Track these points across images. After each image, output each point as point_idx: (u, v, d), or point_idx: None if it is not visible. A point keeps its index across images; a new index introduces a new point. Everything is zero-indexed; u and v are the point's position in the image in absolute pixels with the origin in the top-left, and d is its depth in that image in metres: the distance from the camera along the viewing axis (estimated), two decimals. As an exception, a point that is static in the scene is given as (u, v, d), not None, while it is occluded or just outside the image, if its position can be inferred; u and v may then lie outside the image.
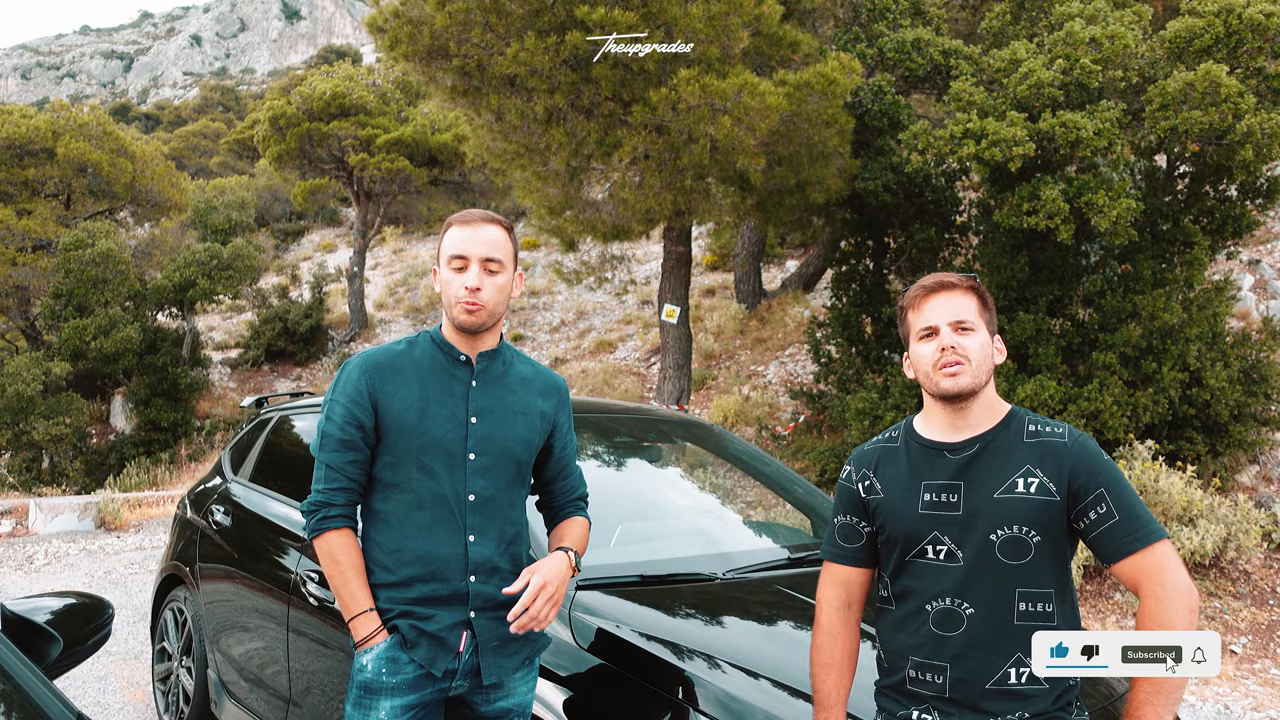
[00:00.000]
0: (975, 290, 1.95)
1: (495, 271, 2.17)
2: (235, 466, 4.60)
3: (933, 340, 1.92)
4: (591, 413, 4.02)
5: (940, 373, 1.90)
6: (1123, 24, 7.34)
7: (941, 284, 1.93)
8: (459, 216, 2.21)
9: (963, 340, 1.89)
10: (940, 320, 1.91)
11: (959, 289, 1.93)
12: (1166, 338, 7.54)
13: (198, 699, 4.20)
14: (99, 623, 1.98)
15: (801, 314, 14.28)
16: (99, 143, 16.88)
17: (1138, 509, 1.81)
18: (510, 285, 2.23)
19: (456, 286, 2.15)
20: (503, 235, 2.21)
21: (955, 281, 1.93)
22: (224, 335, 23.67)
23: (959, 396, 1.90)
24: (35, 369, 14.57)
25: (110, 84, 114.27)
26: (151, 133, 51.74)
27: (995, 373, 7.58)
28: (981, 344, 1.90)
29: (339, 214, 32.95)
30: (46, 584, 7.79)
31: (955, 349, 1.88)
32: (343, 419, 2.15)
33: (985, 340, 1.92)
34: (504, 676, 2.20)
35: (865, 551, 2.04)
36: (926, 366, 1.93)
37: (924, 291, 1.95)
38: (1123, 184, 6.95)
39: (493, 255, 2.16)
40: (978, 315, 1.92)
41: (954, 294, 1.92)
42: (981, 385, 1.91)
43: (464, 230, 2.17)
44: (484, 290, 2.15)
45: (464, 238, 2.16)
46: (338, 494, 2.14)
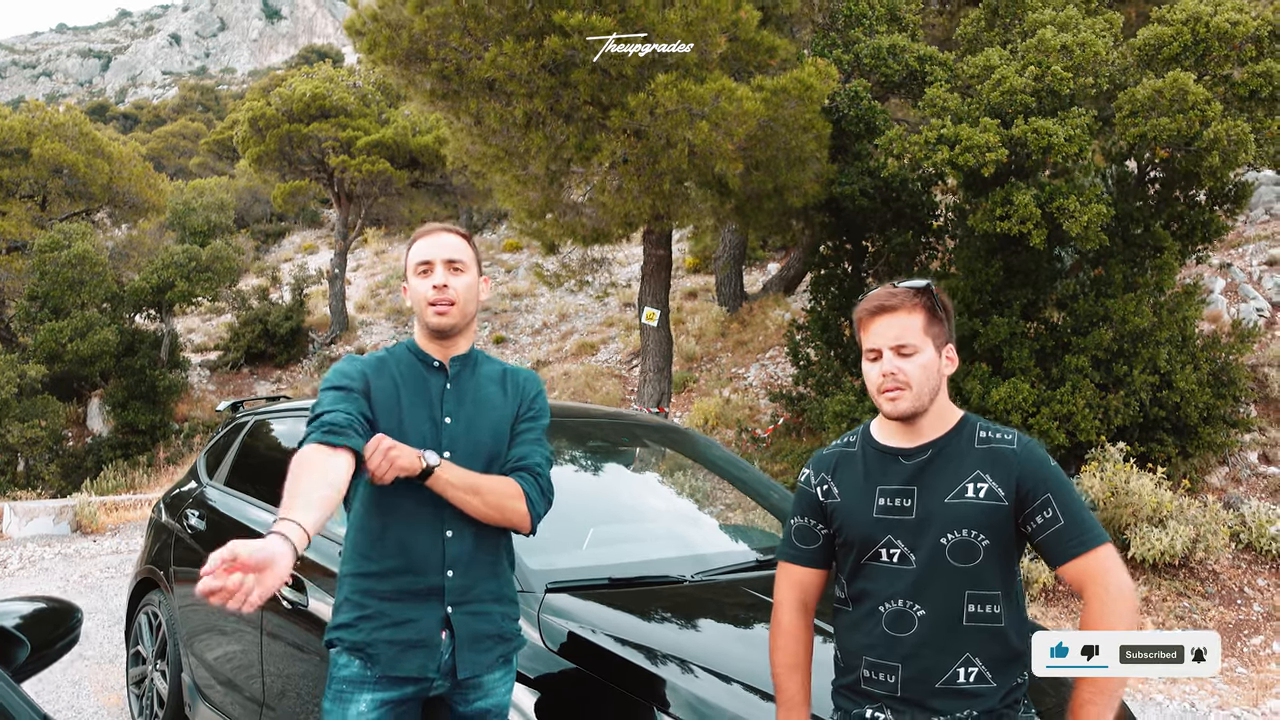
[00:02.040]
0: (922, 305, 1.95)
1: (460, 270, 2.25)
2: (210, 470, 4.60)
3: (878, 363, 1.96)
4: (568, 417, 4.06)
5: (883, 398, 1.95)
6: (1094, 31, 7.45)
7: (883, 306, 1.95)
8: (420, 230, 2.31)
9: (903, 364, 1.92)
10: (882, 344, 1.94)
11: (902, 310, 1.94)
12: (1137, 341, 7.65)
13: (172, 702, 4.20)
14: (67, 626, 2.00)
15: (782, 316, 14.36)
16: (75, 143, 16.75)
17: (1082, 514, 1.87)
18: (476, 285, 2.30)
19: (424, 289, 2.22)
20: (462, 242, 2.30)
21: (897, 303, 1.94)
22: (203, 337, 23.52)
23: (901, 418, 1.96)
24: (10, 372, 14.44)
25: (87, 83, 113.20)
26: (130, 132, 51.31)
27: (970, 376, 7.66)
28: (923, 365, 1.93)
29: (320, 215, 32.81)
30: (20, 589, 7.74)
31: (895, 375, 1.92)
32: (338, 393, 2.13)
33: (929, 360, 1.94)
34: (479, 673, 2.23)
35: (821, 553, 2.09)
36: (872, 387, 1.98)
37: (867, 314, 1.98)
38: (1094, 189, 7.04)
39: (454, 256, 2.25)
40: (922, 333, 1.94)
41: (897, 315, 1.94)
42: (925, 406, 1.95)
43: (425, 240, 2.28)
44: (451, 287, 2.22)
45: (426, 245, 2.26)
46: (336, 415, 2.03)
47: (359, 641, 2.13)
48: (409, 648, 2.14)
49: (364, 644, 2.13)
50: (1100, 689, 1.79)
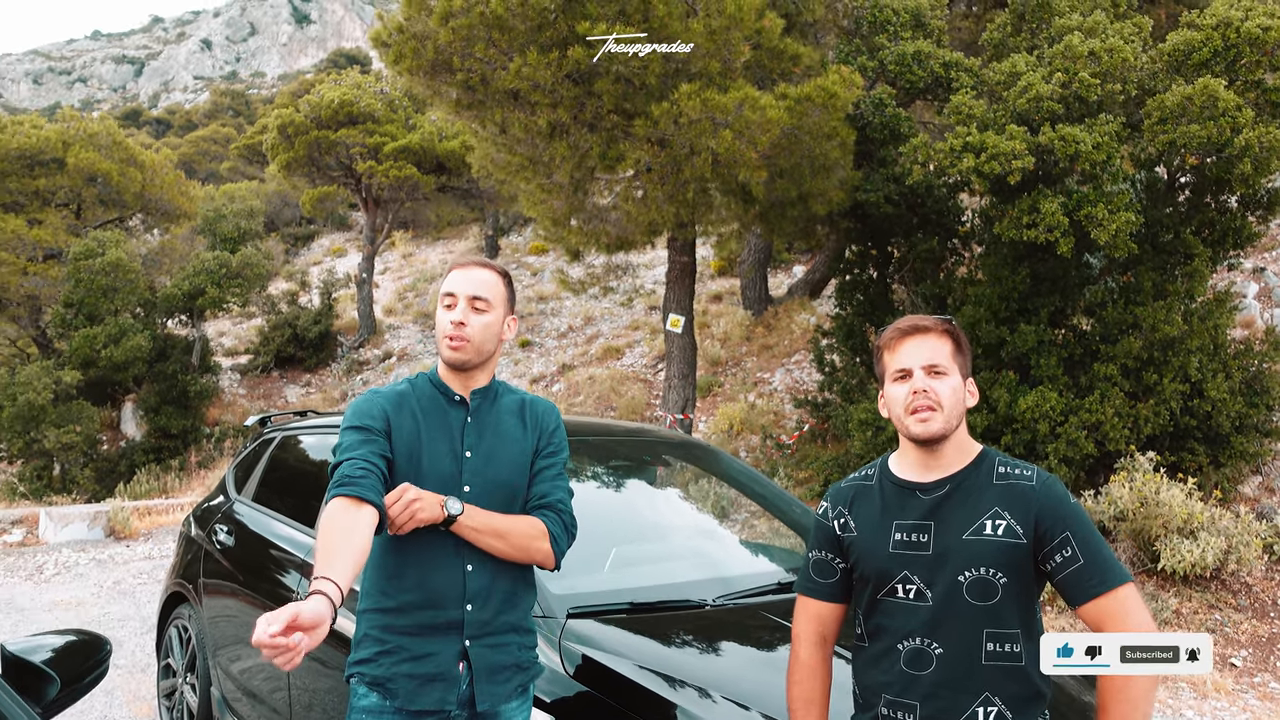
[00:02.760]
0: (950, 334, 1.98)
1: (482, 310, 2.26)
2: (239, 485, 4.67)
3: (906, 383, 1.96)
4: (589, 435, 4.07)
5: (912, 417, 1.94)
6: (1122, 37, 7.36)
7: (916, 327, 1.97)
8: (457, 260, 2.34)
9: (935, 384, 1.93)
10: (913, 363, 1.95)
11: (933, 332, 1.96)
12: (1168, 349, 7.55)
13: (201, 715, 4.26)
14: (96, 660, 2.04)
15: (808, 321, 14.31)
16: (108, 152, 17.02)
17: (1103, 553, 1.85)
18: (499, 326, 2.30)
19: (444, 321, 2.26)
20: (495, 278, 2.31)
21: (929, 325, 1.96)
22: (234, 341, 23.81)
23: (930, 441, 1.94)
24: (46, 378, 14.70)
25: (121, 88, 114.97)
26: (162, 137, 52.06)
27: (997, 384, 7.60)
28: (953, 388, 1.94)
29: (348, 218, 33.08)
30: (56, 594, 7.88)
31: (928, 393, 1.92)
32: (359, 435, 2.17)
33: (957, 384, 1.95)
34: (498, 704, 2.24)
35: (839, 587, 2.09)
36: (899, 409, 1.97)
37: (899, 334, 1.98)
38: (1122, 197, 6.96)
39: (480, 294, 2.26)
40: (950, 359, 1.96)
41: (928, 337, 1.96)
42: (953, 429, 1.95)
43: (458, 272, 2.30)
44: (469, 326, 2.24)
45: (456, 277, 2.29)
46: (359, 470, 2.07)
47: (379, 676, 2.16)
48: (428, 681, 2.16)
49: (384, 679, 2.16)
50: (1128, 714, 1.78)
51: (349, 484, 2.04)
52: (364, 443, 2.15)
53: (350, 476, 2.05)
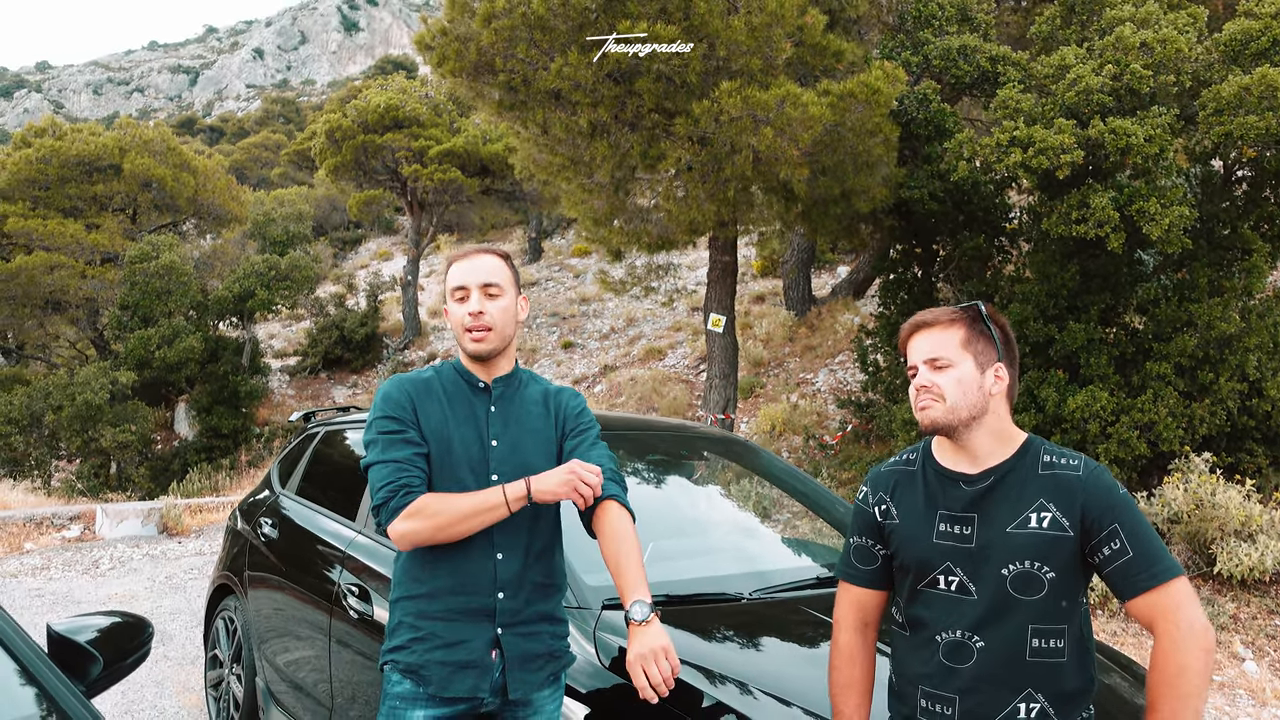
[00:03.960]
0: (960, 321, 1.95)
1: (496, 295, 2.26)
2: (283, 479, 4.73)
3: (915, 378, 1.98)
4: (629, 430, 4.07)
5: (918, 414, 1.95)
6: (1176, 27, 7.18)
7: (921, 323, 1.98)
8: (457, 253, 2.33)
9: (936, 378, 1.92)
10: (918, 359, 1.96)
11: (938, 325, 1.95)
12: (1224, 347, 7.35)
13: (246, 705, 4.33)
14: (139, 641, 2.08)
15: (851, 321, 14.18)
16: (162, 158, 17.45)
17: (1153, 545, 1.79)
18: (514, 307, 2.31)
19: (461, 315, 2.26)
20: (499, 263, 2.30)
21: (933, 319, 1.96)
22: (283, 343, 24.24)
23: (936, 430, 1.94)
24: (103, 378, 15.09)
25: (177, 97, 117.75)
26: (215, 145, 53.22)
27: (1045, 384, 7.45)
28: (958, 379, 1.91)
29: (395, 222, 33.53)
30: (111, 588, 8.07)
31: (927, 387, 1.93)
32: (393, 425, 2.21)
33: (966, 374, 1.92)
34: (530, 692, 2.24)
35: (880, 574, 2.07)
36: (912, 403, 1.99)
37: (907, 331, 2.01)
38: (1175, 190, 6.79)
39: (490, 280, 2.26)
40: (960, 348, 1.93)
41: (932, 331, 1.95)
42: (961, 419, 1.91)
43: (462, 263, 2.28)
44: (487, 314, 2.24)
45: (462, 270, 2.27)
46: (409, 477, 2.16)
47: (412, 664, 2.17)
48: (460, 669, 2.16)
49: (417, 666, 2.17)
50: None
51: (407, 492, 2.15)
52: (399, 444, 2.18)
53: (408, 485, 2.15)
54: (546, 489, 2.15)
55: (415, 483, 2.14)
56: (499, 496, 2.13)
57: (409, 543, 2.15)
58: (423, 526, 2.12)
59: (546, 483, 2.16)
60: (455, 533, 2.14)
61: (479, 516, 2.13)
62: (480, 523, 2.14)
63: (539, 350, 19.00)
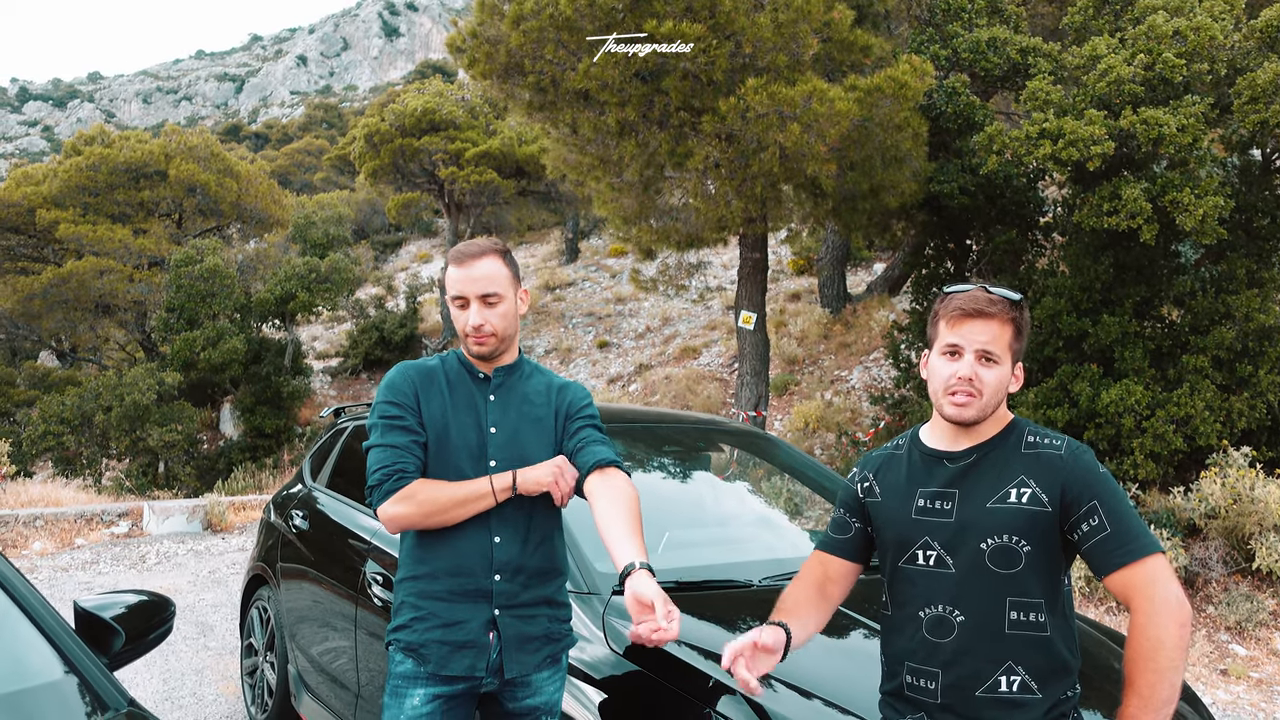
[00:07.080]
0: (1013, 320, 1.91)
1: (494, 303, 2.29)
2: (314, 473, 4.85)
3: (954, 361, 1.91)
4: (647, 421, 4.12)
5: (949, 399, 1.91)
6: (1211, 14, 7.06)
7: (981, 311, 1.89)
8: (455, 253, 2.32)
9: (984, 373, 1.89)
10: (968, 345, 1.89)
11: (997, 318, 1.89)
12: (1264, 339, 7.22)
13: (279, 692, 4.45)
14: (161, 618, 2.18)
15: (886, 318, 14.09)
16: (206, 164, 17.86)
17: (1131, 522, 1.80)
18: (514, 308, 2.34)
19: (462, 320, 2.31)
20: (496, 265, 2.30)
21: (995, 311, 1.89)
22: (325, 345, 24.65)
23: (962, 424, 1.93)
24: (150, 379, 15.48)
25: (223, 105, 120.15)
26: (260, 151, 54.24)
27: (1078, 378, 7.36)
28: (1000, 377, 1.90)
29: (433, 225, 33.91)
30: (156, 582, 8.30)
31: (973, 380, 1.88)
32: (395, 410, 2.29)
33: (1005, 374, 1.91)
34: (526, 673, 2.30)
35: (851, 545, 2.11)
36: (939, 384, 1.93)
37: (961, 313, 1.91)
38: (1210, 180, 6.68)
39: (488, 291, 2.27)
40: (1007, 347, 1.91)
41: (990, 323, 1.89)
42: (988, 415, 1.92)
43: (459, 270, 2.28)
44: (488, 324, 2.28)
45: (459, 278, 2.28)
46: (404, 463, 2.22)
47: (413, 642, 2.25)
48: (458, 648, 2.23)
49: (417, 644, 2.24)
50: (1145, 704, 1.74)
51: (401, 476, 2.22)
52: (399, 430, 2.26)
53: (403, 471, 2.23)
54: (531, 480, 2.25)
55: (409, 468, 2.22)
56: (485, 486, 2.22)
57: (397, 526, 2.24)
58: (411, 511, 2.20)
59: (532, 475, 2.26)
60: (443, 519, 2.22)
61: (466, 505, 2.22)
62: (467, 511, 2.22)
63: (575, 350, 19.12)
